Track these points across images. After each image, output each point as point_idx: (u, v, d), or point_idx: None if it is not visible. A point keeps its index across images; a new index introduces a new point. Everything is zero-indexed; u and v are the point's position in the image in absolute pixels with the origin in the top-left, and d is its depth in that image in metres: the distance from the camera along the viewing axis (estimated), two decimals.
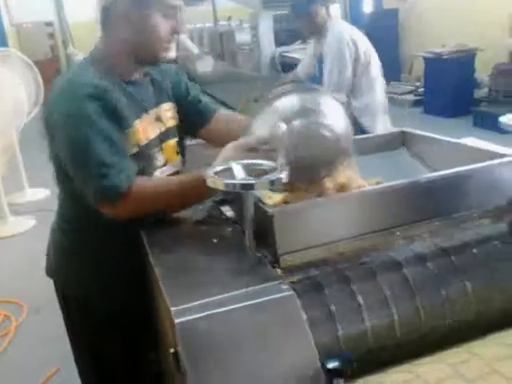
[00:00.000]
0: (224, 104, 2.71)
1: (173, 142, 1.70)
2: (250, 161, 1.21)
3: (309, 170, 1.21)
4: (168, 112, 1.70)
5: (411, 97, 8.58)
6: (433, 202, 1.39)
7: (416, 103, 8.44)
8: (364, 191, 1.39)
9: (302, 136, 1.18)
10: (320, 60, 3.73)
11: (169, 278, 1.23)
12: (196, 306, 1.08)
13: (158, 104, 1.66)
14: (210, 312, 1.07)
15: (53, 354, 2.94)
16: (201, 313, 1.06)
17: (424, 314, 1.29)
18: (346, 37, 3.50)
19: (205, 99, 1.83)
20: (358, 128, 3.40)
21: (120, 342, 1.67)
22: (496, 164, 1.46)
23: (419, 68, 8.61)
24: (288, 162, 1.15)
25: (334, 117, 1.21)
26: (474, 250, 1.40)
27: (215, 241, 1.37)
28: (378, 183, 1.45)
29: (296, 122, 1.16)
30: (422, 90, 8.33)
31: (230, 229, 1.44)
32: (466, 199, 1.42)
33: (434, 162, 1.77)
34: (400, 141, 2.00)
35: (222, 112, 1.85)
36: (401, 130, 2.04)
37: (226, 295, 1.11)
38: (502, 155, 1.51)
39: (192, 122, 1.79)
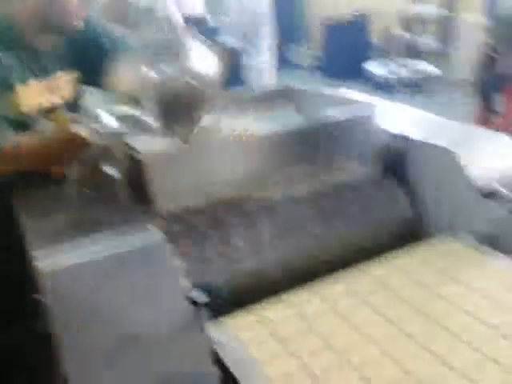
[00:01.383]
0: None
1: (65, 114, 1.63)
2: (118, 109, 1.19)
3: (176, 115, 1.22)
4: (66, 83, 1.63)
5: (312, 61, 8.79)
6: (305, 149, 1.45)
7: (316, 68, 8.66)
8: (241, 138, 1.41)
9: (168, 82, 1.17)
10: None
11: (35, 228, 1.20)
12: (62, 255, 1.06)
13: (54, 74, 1.59)
14: (79, 261, 1.06)
15: None
16: (68, 262, 1.05)
17: (297, 254, 1.37)
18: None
19: None
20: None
21: None
22: (364, 114, 1.55)
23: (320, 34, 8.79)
24: (155, 108, 1.15)
25: (200, 62, 1.22)
26: (345, 194, 1.49)
27: (90, 193, 1.34)
28: (247, 133, 1.47)
29: (162, 66, 1.15)
30: (321, 54, 8.54)
31: (107, 181, 1.42)
32: (337, 146, 1.49)
33: (312, 113, 1.84)
34: (285, 95, 2.05)
35: None
36: (286, 86, 2.09)
37: (95, 244, 1.10)
38: (371, 105, 1.60)
39: None
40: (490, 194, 1.30)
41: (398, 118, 1.65)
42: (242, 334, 1.11)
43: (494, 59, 4.32)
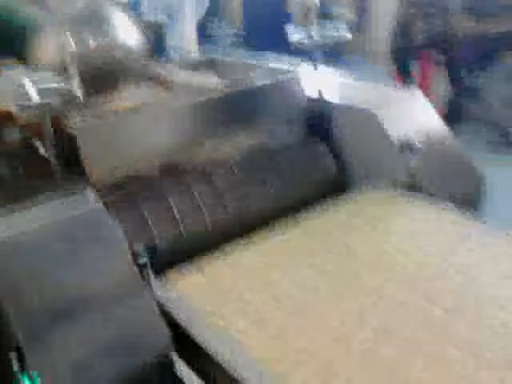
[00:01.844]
0: None
1: None
2: (42, 82, 1.19)
3: (101, 86, 1.23)
4: None
5: (233, 35, 8.80)
6: (234, 115, 1.50)
7: (238, 41, 8.67)
8: (171, 105, 1.44)
9: (91, 53, 1.18)
10: None
11: None
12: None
13: None
14: (18, 231, 1.07)
15: None
16: (7, 233, 1.05)
17: (232, 213, 1.43)
18: None
19: None
20: None
21: None
22: (287, 79, 1.62)
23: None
24: (79, 79, 1.16)
25: (123, 33, 1.23)
26: (274, 156, 1.56)
27: (21, 167, 1.33)
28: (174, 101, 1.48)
29: (85, 38, 1.16)
30: (242, 28, 8.55)
31: (38, 155, 1.41)
32: (263, 111, 1.55)
33: (237, 80, 1.89)
34: (208, 65, 2.09)
35: None
36: (209, 57, 2.14)
37: (33, 214, 1.11)
38: (293, 70, 1.67)
39: None
40: (406, 147, 1.41)
41: (319, 82, 1.73)
42: (184, 288, 1.16)
43: (410, 27, 4.53)
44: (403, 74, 4.97)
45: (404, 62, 4.91)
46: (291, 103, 1.58)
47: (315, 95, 1.62)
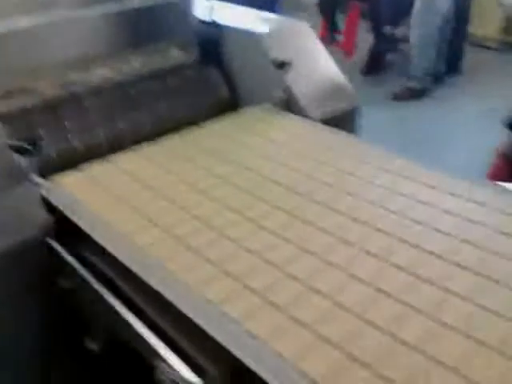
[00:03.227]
0: None
1: None
2: None
3: None
4: None
5: None
6: (126, 31, 1.59)
7: None
8: (53, 20, 1.49)
9: None
10: None
11: None
12: None
13: None
14: None
15: None
16: None
17: (125, 129, 1.54)
18: None
19: None
20: None
21: None
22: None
23: None
24: None
25: None
26: (168, 78, 1.66)
27: None
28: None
29: None
30: None
31: None
32: (156, 31, 1.65)
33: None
34: None
35: None
36: None
37: None
38: None
39: None
40: (283, 65, 1.55)
41: (216, 9, 1.82)
42: (68, 184, 1.27)
43: None
44: (330, 28, 5.09)
45: (331, 16, 5.02)
46: (182, 25, 1.67)
47: (206, 18, 1.72)
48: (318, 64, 1.66)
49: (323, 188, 1.23)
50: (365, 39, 4.70)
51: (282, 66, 1.54)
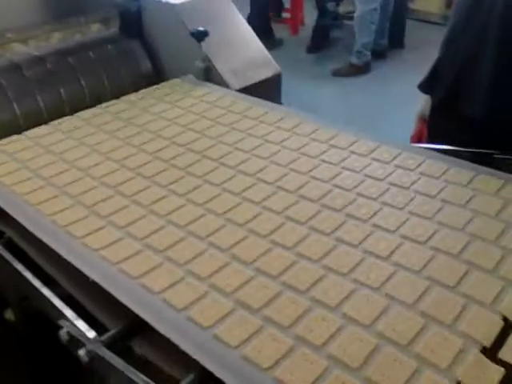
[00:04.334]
0: None
1: None
2: None
3: None
4: None
5: None
6: (46, 6, 1.57)
7: None
8: None
9: None
10: None
11: None
12: None
13: None
14: None
15: None
16: None
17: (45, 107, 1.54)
18: None
19: None
20: None
21: None
22: None
23: None
24: None
25: None
26: (90, 52, 1.66)
27: None
28: None
29: None
30: None
31: None
32: (76, 5, 1.64)
33: None
34: None
35: None
36: None
37: None
38: None
39: None
40: (200, 35, 1.56)
41: None
42: None
43: None
44: (276, 6, 5.10)
45: None
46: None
47: None
48: (236, 33, 1.68)
49: (234, 152, 1.27)
50: (313, 17, 4.74)
51: (199, 36, 1.56)
